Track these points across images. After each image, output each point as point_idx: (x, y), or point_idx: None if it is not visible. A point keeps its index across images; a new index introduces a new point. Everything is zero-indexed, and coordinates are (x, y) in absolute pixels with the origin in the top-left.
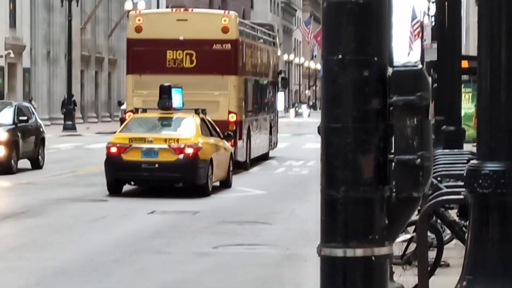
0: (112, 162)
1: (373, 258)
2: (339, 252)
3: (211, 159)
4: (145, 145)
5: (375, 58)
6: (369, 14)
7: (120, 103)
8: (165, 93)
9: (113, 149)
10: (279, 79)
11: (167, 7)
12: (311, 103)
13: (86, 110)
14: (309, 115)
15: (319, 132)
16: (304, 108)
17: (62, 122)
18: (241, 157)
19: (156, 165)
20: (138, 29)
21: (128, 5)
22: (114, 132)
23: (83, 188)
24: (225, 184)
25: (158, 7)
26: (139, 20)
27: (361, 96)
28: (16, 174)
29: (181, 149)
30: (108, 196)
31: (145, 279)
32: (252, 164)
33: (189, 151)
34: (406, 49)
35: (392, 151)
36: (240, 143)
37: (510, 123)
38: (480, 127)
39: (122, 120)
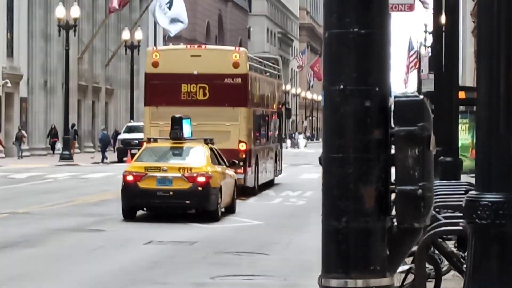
0: (129, 190)
1: None
2: (340, 283)
3: (220, 187)
4: (160, 174)
5: (377, 88)
6: (370, 45)
7: (117, 133)
8: (176, 124)
9: (130, 177)
10: (284, 110)
11: (164, 36)
12: (308, 134)
13: (83, 140)
14: (305, 146)
15: (320, 163)
16: (301, 138)
17: (59, 151)
18: (250, 183)
19: (171, 193)
20: (155, 64)
21: (125, 35)
22: (111, 162)
23: (81, 218)
24: (230, 209)
25: (155, 37)
26: (156, 55)
27: (362, 126)
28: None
29: (193, 177)
30: (106, 226)
31: None
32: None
33: (201, 179)
34: (403, 79)
35: (394, 181)
36: (249, 170)
37: (509, 154)
38: (478, 157)
39: (119, 150)
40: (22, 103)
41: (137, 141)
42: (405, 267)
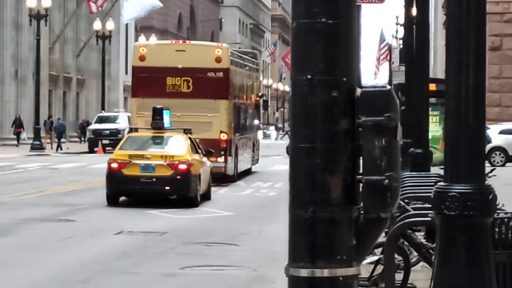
0: (114, 177)
1: (340, 278)
2: (306, 272)
3: (200, 174)
4: (144, 161)
5: (344, 79)
6: (338, 35)
7: (88, 124)
8: (157, 114)
9: (114, 165)
10: (261, 102)
11: (135, 26)
12: (279, 125)
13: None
14: (276, 137)
15: (287, 152)
16: (272, 130)
17: (31, 141)
18: (230, 172)
19: (154, 179)
20: (142, 58)
21: (97, 25)
22: (82, 153)
23: (51, 208)
24: (206, 196)
25: (126, 28)
26: (142, 50)
27: (329, 117)
28: None
29: (175, 165)
30: (76, 216)
31: None
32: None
33: (183, 167)
34: (374, 71)
35: (361, 171)
36: (229, 159)
37: (478, 145)
38: (447, 149)
39: (90, 141)
40: None
41: (108, 132)
42: (374, 258)
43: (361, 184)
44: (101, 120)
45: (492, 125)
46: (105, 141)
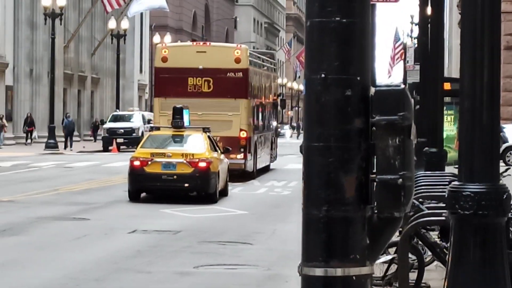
0: (136, 174)
1: (354, 277)
2: (320, 271)
3: (218, 171)
4: (165, 159)
5: (358, 78)
6: (352, 34)
7: (102, 122)
8: (178, 114)
9: (136, 163)
10: (279, 101)
11: (150, 25)
12: (294, 124)
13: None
14: (291, 136)
15: (301, 151)
16: (286, 129)
17: (45, 140)
18: (249, 168)
19: (175, 177)
20: (164, 59)
21: (111, 24)
22: (96, 151)
23: (65, 207)
24: (224, 192)
25: (141, 27)
26: (164, 51)
27: (343, 116)
28: None
29: (195, 162)
30: (90, 215)
31: None
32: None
33: (202, 164)
34: (388, 70)
35: (374, 170)
36: (249, 156)
37: (492, 144)
38: (461, 148)
39: (104, 139)
40: (7, 92)
41: (122, 130)
42: (388, 258)
43: (375, 183)
44: (115, 118)
45: (507, 124)
46: (120, 140)
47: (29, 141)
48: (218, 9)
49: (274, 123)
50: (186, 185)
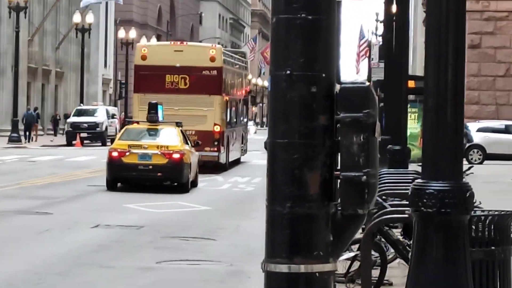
0: (114, 164)
1: (317, 274)
2: (283, 268)
3: (190, 163)
4: (141, 151)
5: (323, 75)
6: (318, 31)
7: (66, 116)
8: (153, 109)
9: (115, 153)
10: (249, 98)
11: (115, 20)
12: (258, 120)
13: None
14: (255, 132)
15: (265, 147)
16: (251, 125)
17: (8, 133)
18: (222, 160)
19: (150, 167)
20: (144, 57)
21: (76, 18)
22: (60, 145)
23: (28, 201)
24: (194, 183)
25: (106, 21)
26: (144, 50)
27: (308, 112)
28: None
29: (170, 154)
30: (53, 209)
31: None
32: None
33: (176, 156)
34: (353, 67)
35: (338, 167)
36: (222, 149)
37: (456, 142)
38: (425, 146)
39: (68, 134)
40: None
41: (86, 125)
42: (351, 255)
43: (338, 180)
44: (79, 113)
45: (470, 123)
46: (83, 134)
47: None
48: (184, 5)
49: (245, 119)
50: (162, 174)
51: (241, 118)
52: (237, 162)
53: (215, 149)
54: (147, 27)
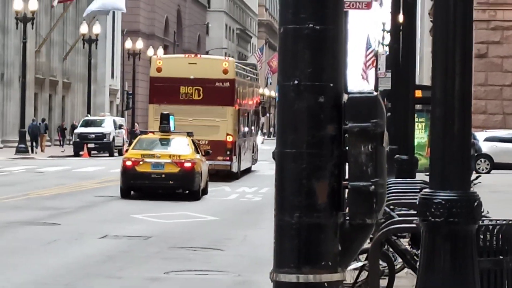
0: (128, 173)
1: (325, 284)
2: (291, 278)
3: (201, 171)
4: (154, 160)
5: (331, 84)
6: (325, 41)
7: (73, 127)
8: (165, 119)
9: (129, 163)
10: (260, 108)
11: (122, 30)
12: (265, 130)
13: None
14: (262, 142)
15: (273, 157)
16: (258, 135)
17: (16, 144)
18: (234, 169)
19: (163, 175)
20: (159, 70)
21: (83, 29)
22: (67, 156)
23: (36, 211)
24: (204, 191)
25: (113, 31)
26: (159, 62)
27: (316, 122)
28: None
29: (182, 163)
30: (61, 219)
31: None
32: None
33: (188, 165)
34: (360, 77)
35: (347, 177)
36: (234, 158)
37: (463, 152)
38: (433, 156)
39: (75, 144)
40: None
41: (93, 135)
42: (359, 264)
43: (346, 190)
44: (86, 123)
45: (478, 132)
46: (91, 145)
47: None
48: (190, 15)
49: (256, 128)
50: (175, 183)
51: (252, 128)
52: (248, 171)
53: (228, 158)
54: (154, 38)
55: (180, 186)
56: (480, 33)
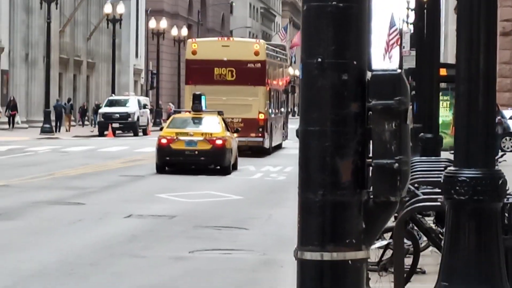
0: (163, 150)
1: (349, 262)
2: (316, 256)
3: (232, 148)
4: (188, 138)
5: (354, 62)
6: (348, 18)
7: (98, 107)
8: (197, 99)
9: (164, 140)
10: (289, 87)
11: (146, 10)
12: (289, 109)
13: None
14: None
15: (297, 135)
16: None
17: (41, 124)
18: (266, 145)
19: (196, 152)
20: (194, 52)
21: (107, 8)
22: (92, 136)
23: (60, 191)
24: (235, 166)
25: (137, 11)
26: (194, 45)
27: (340, 100)
28: None
29: (213, 140)
30: (85, 199)
31: (121, 283)
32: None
33: (219, 142)
34: (385, 55)
35: (370, 155)
36: (266, 135)
37: (488, 129)
38: (457, 133)
39: (100, 124)
40: (3, 76)
41: (118, 115)
42: (384, 243)
43: (371, 168)
44: (111, 103)
45: (503, 111)
46: (115, 125)
47: (15, 125)
48: None
49: (286, 107)
50: (207, 159)
51: (283, 107)
52: (279, 147)
53: (260, 135)
54: (178, 17)
55: (211, 162)
56: (505, 10)
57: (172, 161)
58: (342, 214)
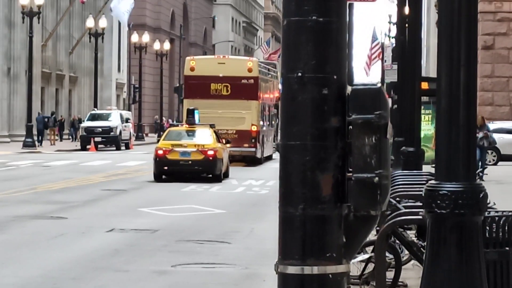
0: (160, 160)
1: (330, 275)
2: (296, 270)
3: (222, 158)
4: (182, 149)
5: (335, 77)
6: (329, 33)
7: (80, 121)
8: (190, 113)
9: (160, 151)
10: (279, 102)
11: (128, 24)
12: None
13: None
14: None
15: (277, 149)
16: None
17: (23, 138)
18: (258, 155)
19: (190, 162)
20: (192, 69)
21: (89, 23)
22: (74, 150)
23: (43, 205)
24: (226, 174)
25: (119, 26)
26: (192, 62)
27: (320, 114)
28: None
29: (205, 151)
30: (68, 213)
31: None
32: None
33: (211, 152)
34: (366, 70)
35: (350, 169)
36: (258, 145)
37: (469, 144)
38: (438, 147)
39: (82, 138)
40: None
41: (100, 129)
42: (365, 256)
43: (351, 182)
44: (93, 117)
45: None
46: (98, 139)
47: None
48: (197, 8)
49: (276, 121)
50: (200, 168)
51: (273, 120)
52: (269, 158)
53: (252, 145)
54: (160, 31)
55: (204, 171)
56: (486, 24)
57: (168, 170)
58: (323, 228)
